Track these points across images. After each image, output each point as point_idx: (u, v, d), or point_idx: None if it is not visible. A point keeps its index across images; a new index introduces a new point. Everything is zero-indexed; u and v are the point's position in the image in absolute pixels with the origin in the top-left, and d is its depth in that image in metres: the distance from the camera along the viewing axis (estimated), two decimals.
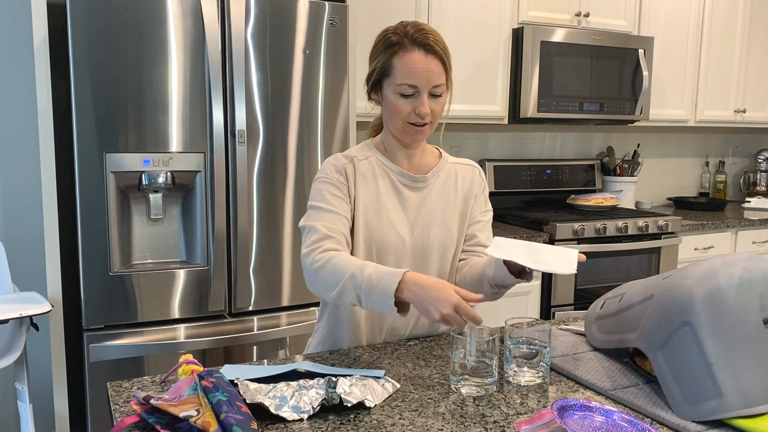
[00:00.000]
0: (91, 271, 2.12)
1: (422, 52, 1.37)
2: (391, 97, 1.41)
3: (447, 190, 1.51)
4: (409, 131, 1.43)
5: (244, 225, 2.27)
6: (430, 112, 1.40)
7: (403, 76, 1.37)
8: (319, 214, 1.41)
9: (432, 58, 1.37)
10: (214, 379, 1.05)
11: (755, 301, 1.09)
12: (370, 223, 1.44)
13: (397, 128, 1.43)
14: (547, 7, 3.20)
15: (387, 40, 1.40)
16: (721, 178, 4.28)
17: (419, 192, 1.49)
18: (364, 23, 2.64)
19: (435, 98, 1.40)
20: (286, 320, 2.41)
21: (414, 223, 1.47)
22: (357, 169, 1.46)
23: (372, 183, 1.47)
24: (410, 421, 1.07)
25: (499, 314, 2.91)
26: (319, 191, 1.44)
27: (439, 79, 1.39)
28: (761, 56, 3.91)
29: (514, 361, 1.24)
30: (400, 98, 1.39)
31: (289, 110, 2.33)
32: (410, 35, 1.38)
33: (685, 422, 1.06)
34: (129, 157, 2.13)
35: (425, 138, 1.48)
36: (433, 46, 1.38)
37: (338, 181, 1.44)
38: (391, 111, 1.42)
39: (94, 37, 2.05)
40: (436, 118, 1.43)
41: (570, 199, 3.45)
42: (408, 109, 1.40)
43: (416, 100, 1.39)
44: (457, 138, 3.43)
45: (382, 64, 1.41)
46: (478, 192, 1.56)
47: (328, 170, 1.46)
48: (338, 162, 1.46)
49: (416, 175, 1.49)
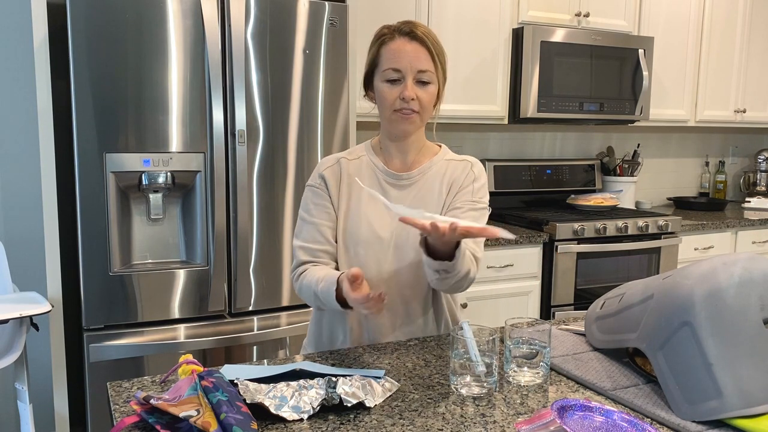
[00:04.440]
0: (91, 271, 2.12)
1: (406, 39, 1.41)
2: (379, 86, 1.44)
3: (432, 186, 1.50)
4: (397, 119, 1.43)
5: (244, 225, 2.27)
6: (415, 98, 1.40)
7: (387, 61, 1.42)
8: (302, 228, 1.52)
9: (416, 44, 1.40)
10: (214, 379, 1.05)
11: (755, 301, 1.09)
12: (350, 223, 1.48)
13: (387, 117, 1.45)
14: (547, 7, 3.20)
15: (377, 34, 1.46)
16: (721, 178, 4.28)
17: (403, 190, 1.50)
18: (364, 23, 2.64)
19: (422, 86, 1.41)
20: (286, 320, 2.41)
21: (395, 220, 1.47)
22: (343, 170, 1.51)
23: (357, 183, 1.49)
24: (410, 421, 1.07)
25: (499, 314, 2.92)
26: (304, 200, 1.54)
27: (423, 64, 1.40)
28: (761, 56, 3.91)
29: (514, 361, 1.24)
30: (386, 84, 1.42)
31: (289, 110, 2.33)
32: (398, 28, 1.43)
33: (685, 422, 1.06)
34: (129, 157, 2.13)
35: (414, 128, 1.46)
36: (417, 34, 1.40)
37: (320, 187, 1.52)
38: (379, 100, 1.45)
39: (94, 37, 2.05)
40: (424, 107, 1.42)
41: (570, 199, 3.45)
42: (394, 95, 1.41)
43: (402, 85, 1.40)
44: (457, 138, 3.43)
45: (372, 57, 1.46)
46: (466, 183, 1.49)
47: (314, 175, 1.55)
48: (322, 166, 1.54)
49: (400, 173, 1.50)
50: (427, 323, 1.52)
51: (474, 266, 1.38)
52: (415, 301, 1.50)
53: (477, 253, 1.42)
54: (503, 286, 2.91)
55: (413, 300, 1.49)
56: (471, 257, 1.37)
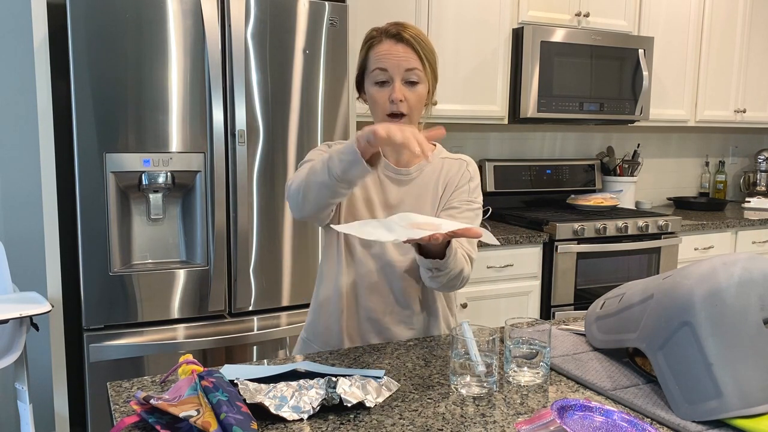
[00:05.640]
0: (91, 271, 2.12)
1: (393, 41, 1.42)
2: (369, 89, 1.45)
3: (429, 184, 1.51)
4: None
5: (244, 225, 2.27)
6: (403, 99, 1.40)
7: (375, 63, 1.42)
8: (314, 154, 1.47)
9: (403, 46, 1.41)
10: (214, 379, 1.05)
11: (755, 301, 1.09)
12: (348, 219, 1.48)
13: (379, 121, 1.45)
14: (547, 7, 3.20)
15: (366, 36, 1.47)
16: (721, 178, 4.28)
17: (402, 186, 1.50)
18: (364, 23, 2.64)
19: (411, 86, 1.41)
20: (286, 320, 2.41)
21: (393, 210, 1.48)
22: None
23: None
24: (410, 421, 1.07)
25: (499, 314, 2.92)
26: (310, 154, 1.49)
27: (410, 63, 1.40)
28: (761, 56, 3.91)
29: (514, 361, 1.24)
30: (376, 87, 1.43)
31: (289, 110, 2.33)
32: (385, 30, 1.44)
33: (685, 422, 1.06)
34: (129, 157, 2.13)
35: None
36: (405, 36, 1.41)
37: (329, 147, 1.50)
38: (371, 104, 1.46)
39: (94, 37, 2.05)
40: (412, 108, 1.43)
41: (570, 199, 3.45)
42: (384, 98, 1.42)
43: (390, 87, 1.41)
44: (457, 138, 3.43)
45: (361, 59, 1.47)
46: (462, 183, 1.51)
47: (320, 146, 1.53)
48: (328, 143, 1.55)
49: (399, 168, 1.50)
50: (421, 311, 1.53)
51: (468, 265, 1.40)
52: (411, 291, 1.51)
53: (471, 253, 1.43)
54: (503, 286, 2.91)
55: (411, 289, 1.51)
56: (465, 256, 1.39)
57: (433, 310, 1.55)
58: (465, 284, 1.42)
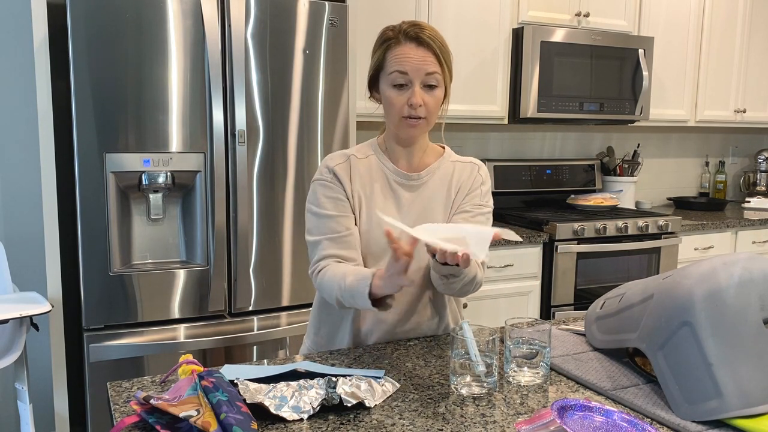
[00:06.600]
0: (91, 271, 2.12)
1: (414, 44, 1.39)
2: (386, 91, 1.42)
3: (442, 188, 1.51)
4: (404, 125, 1.43)
5: (244, 225, 2.27)
6: (423, 103, 1.39)
7: (393, 65, 1.39)
8: (317, 222, 1.46)
9: (424, 50, 1.39)
10: (214, 379, 1.05)
11: (755, 301, 1.09)
12: (362, 224, 1.47)
13: (394, 123, 1.44)
14: (547, 7, 3.20)
15: (383, 36, 1.44)
16: (721, 178, 4.28)
17: (414, 191, 1.49)
18: (364, 23, 2.64)
19: (429, 90, 1.40)
20: (286, 320, 2.41)
21: (406, 223, 1.47)
22: (353, 167, 1.49)
23: (368, 184, 1.48)
24: (410, 421, 1.07)
25: (499, 314, 2.92)
26: (315, 194, 1.48)
27: (431, 67, 1.39)
28: (761, 56, 3.91)
29: (514, 361, 1.24)
30: (394, 90, 1.41)
31: (289, 110, 2.33)
32: (404, 30, 1.41)
33: (685, 422, 1.06)
34: (129, 157, 2.13)
35: (421, 134, 1.47)
36: (425, 39, 1.39)
37: (332, 181, 1.47)
38: (386, 105, 1.44)
39: (94, 37, 2.05)
40: (430, 112, 1.42)
41: (570, 199, 3.45)
42: (402, 101, 1.40)
43: (409, 91, 1.40)
44: (457, 138, 3.43)
45: (377, 59, 1.44)
46: (474, 188, 1.52)
47: (323, 170, 1.49)
48: (332, 161, 1.49)
49: (410, 174, 1.50)
50: (432, 317, 1.53)
51: (480, 271, 1.41)
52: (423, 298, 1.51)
53: None
54: (503, 286, 2.91)
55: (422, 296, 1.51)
56: (477, 262, 1.38)
57: (443, 315, 1.55)
58: (478, 289, 1.43)
